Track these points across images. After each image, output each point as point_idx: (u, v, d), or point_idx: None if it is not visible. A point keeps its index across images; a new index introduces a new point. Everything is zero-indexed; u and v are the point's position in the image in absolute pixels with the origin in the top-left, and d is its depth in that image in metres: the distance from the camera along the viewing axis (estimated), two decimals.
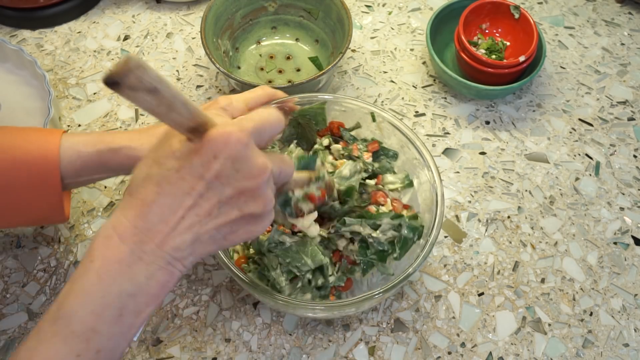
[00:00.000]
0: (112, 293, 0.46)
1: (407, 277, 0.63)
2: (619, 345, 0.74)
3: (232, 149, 0.46)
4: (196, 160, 0.46)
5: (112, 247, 0.46)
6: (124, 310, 0.46)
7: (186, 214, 0.47)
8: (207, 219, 0.48)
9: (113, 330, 0.46)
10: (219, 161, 0.46)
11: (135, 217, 0.47)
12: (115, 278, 0.46)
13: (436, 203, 0.67)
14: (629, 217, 0.83)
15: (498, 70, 0.87)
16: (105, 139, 0.64)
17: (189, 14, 1.02)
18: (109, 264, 0.46)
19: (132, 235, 0.46)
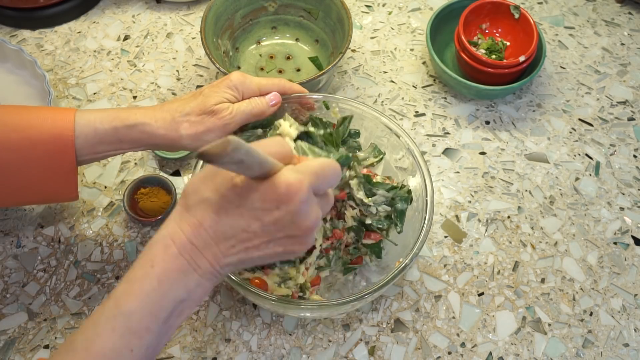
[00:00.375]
0: (168, 297, 0.50)
1: (401, 272, 0.64)
2: (619, 345, 0.74)
3: (294, 205, 0.50)
4: (258, 203, 0.50)
5: (171, 255, 0.50)
6: (173, 312, 0.51)
7: (237, 243, 0.51)
8: (254, 250, 0.52)
9: (162, 330, 0.51)
10: (280, 211, 0.50)
11: (191, 235, 0.51)
12: (173, 285, 0.50)
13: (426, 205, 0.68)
14: (629, 217, 0.83)
15: (498, 70, 0.87)
16: (121, 115, 0.66)
17: (189, 14, 1.02)
18: (169, 271, 0.50)
19: (189, 250, 0.51)
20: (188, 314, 0.53)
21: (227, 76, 0.68)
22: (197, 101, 0.66)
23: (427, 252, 0.80)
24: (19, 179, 0.64)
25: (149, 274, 0.50)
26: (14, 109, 0.65)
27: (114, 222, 0.81)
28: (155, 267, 0.50)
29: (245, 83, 0.68)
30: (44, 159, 0.64)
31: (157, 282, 0.50)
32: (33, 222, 0.81)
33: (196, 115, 0.66)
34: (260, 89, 0.69)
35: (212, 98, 0.66)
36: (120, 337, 0.49)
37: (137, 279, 0.50)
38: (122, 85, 0.93)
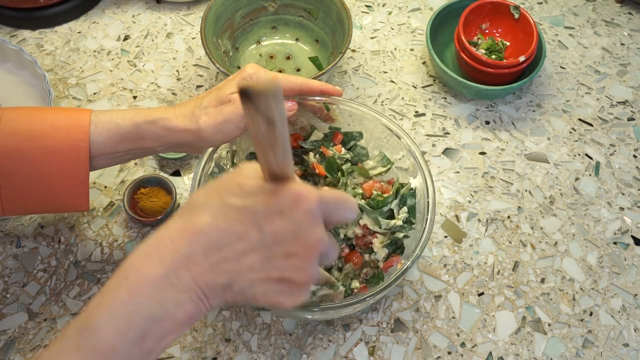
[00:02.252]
0: (139, 314, 0.45)
1: (403, 273, 0.64)
2: (618, 345, 0.74)
3: (299, 213, 0.45)
4: (261, 208, 0.45)
5: (147, 265, 0.45)
6: (147, 333, 0.45)
7: (230, 256, 0.46)
8: (247, 270, 0.46)
9: (133, 352, 0.45)
10: (283, 220, 0.45)
11: (177, 240, 0.46)
12: (145, 299, 0.45)
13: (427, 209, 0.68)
14: (629, 217, 0.83)
15: (498, 70, 0.87)
16: (142, 112, 0.66)
17: (189, 14, 1.02)
18: (141, 284, 0.45)
19: (171, 259, 0.45)
20: (171, 339, 0.46)
21: (243, 68, 0.68)
22: (213, 94, 0.67)
23: (427, 252, 0.80)
24: (31, 188, 0.64)
25: (120, 285, 0.45)
26: (28, 116, 0.64)
27: (114, 222, 0.81)
28: (129, 277, 0.45)
29: (259, 73, 0.67)
30: (57, 169, 0.63)
31: (128, 294, 0.45)
32: (33, 222, 0.81)
33: (214, 106, 0.65)
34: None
35: (228, 89, 0.66)
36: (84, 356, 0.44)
37: (108, 291, 0.46)
38: (122, 85, 0.93)
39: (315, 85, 0.71)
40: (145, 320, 0.45)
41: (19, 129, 0.62)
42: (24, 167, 0.62)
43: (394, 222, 0.68)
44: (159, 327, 0.45)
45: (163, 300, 0.45)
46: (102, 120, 0.65)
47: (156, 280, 0.45)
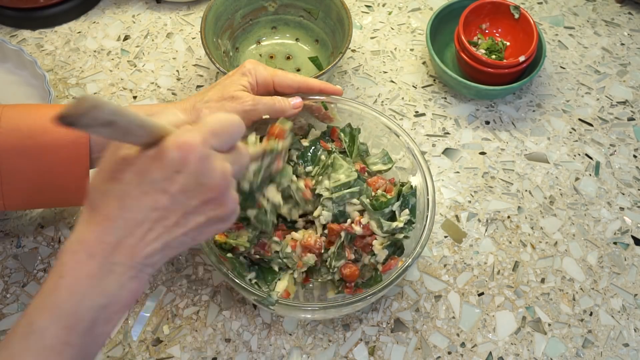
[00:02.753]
0: (84, 307, 0.46)
1: (403, 272, 0.64)
2: (619, 345, 0.74)
3: (194, 164, 0.46)
4: (157, 173, 0.46)
5: (80, 262, 0.46)
6: (95, 321, 0.46)
7: (153, 226, 0.47)
8: (174, 227, 0.48)
9: (85, 341, 0.46)
10: (182, 176, 0.46)
11: (100, 233, 0.46)
12: (86, 293, 0.46)
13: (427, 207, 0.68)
14: (629, 217, 0.83)
15: (498, 70, 0.87)
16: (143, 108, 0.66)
17: (189, 14, 1.02)
18: (79, 279, 0.46)
19: (100, 250, 0.46)
20: (117, 319, 0.48)
21: (242, 64, 0.69)
22: (215, 90, 0.67)
23: (427, 252, 0.80)
24: (32, 184, 0.64)
25: (58, 286, 0.46)
26: (28, 113, 0.64)
27: None
28: (65, 277, 0.46)
29: (257, 69, 0.68)
30: (58, 164, 0.64)
31: (68, 293, 0.46)
32: (33, 222, 0.81)
33: (215, 101, 0.66)
34: (273, 77, 0.69)
35: (231, 86, 0.67)
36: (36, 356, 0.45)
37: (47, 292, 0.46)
38: (122, 85, 0.93)
39: (314, 84, 0.71)
40: (91, 311, 0.46)
41: (20, 125, 0.63)
42: (25, 164, 0.63)
43: (395, 224, 0.68)
44: (106, 312, 0.47)
45: (104, 288, 0.46)
46: None
47: (92, 273, 0.46)
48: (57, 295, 0.46)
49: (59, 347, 0.45)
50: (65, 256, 0.47)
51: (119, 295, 0.47)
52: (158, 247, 0.48)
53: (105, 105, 0.40)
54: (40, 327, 0.45)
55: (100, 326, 0.47)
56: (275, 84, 0.70)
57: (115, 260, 0.46)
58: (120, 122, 0.42)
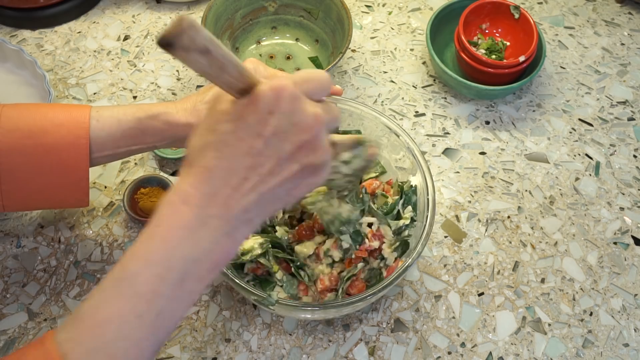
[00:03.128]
0: (176, 257, 0.46)
1: (404, 271, 0.64)
2: (619, 345, 0.74)
3: (286, 103, 0.46)
4: (251, 118, 0.46)
5: (176, 212, 0.47)
6: (186, 275, 0.46)
7: (249, 174, 0.46)
8: (269, 176, 0.47)
9: (175, 294, 0.46)
10: (275, 116, 0.46)
11: (198, 183, 0.46)
12: (180, 243, 0.46)
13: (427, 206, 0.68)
14: (629, 217, 0.83)
15: (498, 70, 0.87)
16: (143, 107, 0.66)
17: (189, 14, 1.02)
18: (173, 228, 0.46)
19: (196, 201, 0.46)
20: (209, 278, 0.48)
21: (242, 63, 0.69)
22: (215, 89, 0.67)
23: (427, 252, 0.80)
24: (31, 184, 0.64)
25: (153, 234, 0.47)
26: (28, 112, 0.64)
27: (114, 222, 0.81)
28: (160, 226, 0.47)
29: (258, 69, 0.68)
30: (57, 165, 0.64)
31: (162, 240, 0.46)
32: (33, 222, 0.81)
33: None
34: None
35: None
36: (127, 301, 0.45)
37: (143, 241, 0.47)
38: (122, 85, 0.93)
39: None
40: (183, 263, 0.46)
41: (19, 125, 0.63)
42: (25, 164, 0.63)
43: (402, 222, 0.68)
44: (198, 267, 0.47)
45: (198, 240, 0.46)
46: (103, 116, 0.65)
47: (188, 223, 0.46)
48: (150, 243, 0.46)
49: (149, 295, 0.45)
50: (162, 207, 0.47)
51: (211, 251, 0.47)
52: (253, 199, 0.47)
53: (202, 28, 0.40)
54: (132, 273, 0.46)
55: (190, 281, 0.47)
56: None
57: (211, 212, 0.46)
58: (216, 54, 0.42)
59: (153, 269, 0.46)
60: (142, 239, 0.47)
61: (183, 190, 0.47)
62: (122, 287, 0.46)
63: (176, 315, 0.48)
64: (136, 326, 0.45)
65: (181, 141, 0.67)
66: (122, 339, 0.45)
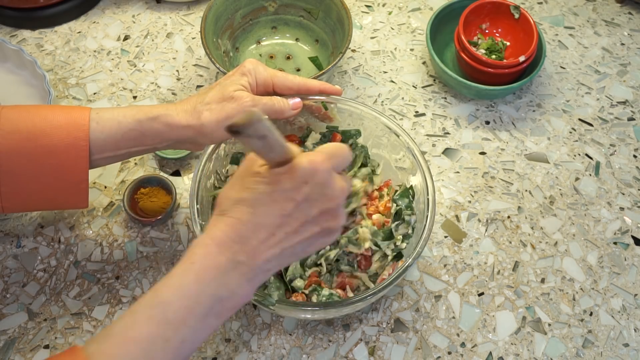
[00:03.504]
0: (205, 293, 0.51)
1: (404, 271, 0.64)
2: (619, 345, 0.74)
3: (320, 176, 0.52)
4: (287, 184, 0.52)
5: (210, 253, 0.52)
6: (210, 310, 0.51)
7: (276, 231, 0.52)
8: (293, 235, 0.53)
9: (198, 326, 0.51)
10: (309, 186, 0.52)
11: (230, 232, 0.52)
12: (211, 281, 0.51)
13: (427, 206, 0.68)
14: (629, 217, 0.83)
15: (498, 70, 0.87)
16: (143, 109, 0.67)
17: (189, 14, 1.02)
18: (207, 268, 0.51)
19: (228, 247, 0.52)
20: (227, 316, 0.53)
21: (242, 63, 0.69)
22: (215, 90, 0.67)
23: (427, 252, 0.80)
24: (31, 186, 0.64)
25: (188, 270, 0.51)
26: (27, 114, 0.64)
27: (114, 222, 0.81)
28: (195, 263, 0.51)
29: (257, 69, 0.69)
30: (57, 167, 0.64)
31: (195, 277, 0.51)
32: (33, 222, 0.81)
33: (216, 103, 0.66)
34: (272, 77, 0.70)
35: (230, 86, 0.67)
36: (157, 326, 0.49)
37: (177, 274, 0.52)
38: (122, 85, 0.93)
39: (313, 85, 0.71)
40: (211, 300, 0.51)
41: (19, 127, 0.63)
42: (24, 166, 0.63)
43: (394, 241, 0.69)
44: (222, 305, 0.52)
45: (227, 282, 0.51)
46: (103, 118, 0.65)
47: (220, 265, 0.51)
48: (185, 277, 0.51)
49: (177, 324, 0.50)
50: (196, 248, 0.52)
51: (234, 293, 0.52)
52: (275, 253, 0.53)
53: (265, 119, 0.46)
54: (165, 301, 0.50)
55: (212, 317, 0.52)
56: (275, 85, 0.70)
57: (240, 258, 0.52)
58: (270, 138, 0.48)
59: (184, 301, 0.50)
60: (176, 271, 0.52)
61: (217, 236, 0.52)
62: (154, 312, 0.50)
63: (195, 344, 0.52)
64: (162, 349, 0.49)
65: (181, 143, 0.67)
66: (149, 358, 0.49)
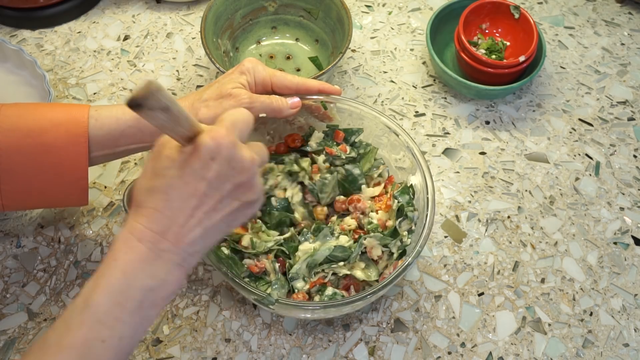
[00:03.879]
0: (134, 287, 0.51)
1: (404, 270, 0.64)
2: (619, 345, 0.74)
3: (225, 151, 0.51)
4: (196, 164, 0.51)
5: (132, 247, 0.51)
6: (143, 302, 0.51)
7: (194, 212, 0.52)
8: (212, 213, 0.53)
9: (133, 320, 0.51)
10: (217, 162, 0.51)
11: (148, 223, 0.51)
12: (138, 274, 0.51)
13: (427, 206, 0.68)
14: (629, 217, 0.83)
15: (498, 70, 0.87)
16: None
17: (189, 14, 1.02)
18: (131, 262, 0.51)
19: (149, 237, 0.51)
20: (162, 305, 0.53)
21: (241, 62, 0.70)
22: (213, 88, 0.68)
23: (427, 252, 0.80)
24: (30, 184, 0.64)
25: (112, 267, 0.51)
26: (26, 112, 0.65)
27: (114, 222, 0.81)
28: (119, 260, 0.51)
29: (256, 68, 0.69)
30: (56, 165, 0.64)
31: (121, 273, 0.51)
32: (33, 222, 0.81)
33: (214, 100, 0.67)
34: (271, 77, 0.70)
35: (229, 84, 0.67)
36: (90, 329, 0.49)
37: (102, 274, 0.51)
38: (122, 85, 0.93)
39: (312, 85, 0.71)
40: (141, 292, 0.51)
41: (18, 125, 0.63)
42: (24, 163, 0.63)
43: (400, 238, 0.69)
44: (154, 295, 0.52)
45: (154, 272, 0.51)
46: (102, 115, 0.65)
47: (143, 257, 0.51)
48: (110, 275, 0.51)
49: (110, 322, 0.50)
50: (117, 244, 0.52)
51: (165, 280, 0.52)
52: (199, 234, 0.52)
53: (164, 90, 0.46)
54: (94, 303, 0.50)
55: (147, 308, 0.51)
56: (274, 84, 0.70)
57: (163, 246, 0.51)
58: (174, 110, 0.47)
59: (114, 298, 0.50)
60: (101, 271, 0.51)
61: (136, 229, 0.51)
62: (85, 316, 0.50)
63: (136, 338, 0.52)
64: (100, 350, 0.49)
65: None
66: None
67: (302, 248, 0.69)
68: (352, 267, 0.69)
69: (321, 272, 0.68)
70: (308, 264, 0.68)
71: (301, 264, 0.68)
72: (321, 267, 0.68)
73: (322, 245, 0.69)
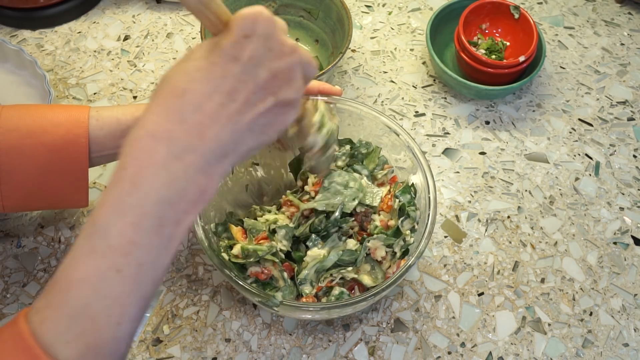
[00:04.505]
0: (148, 200, 0.41)
1: (406, 271, 0.64)
2: (618, 345, 0.74)
3: (263, 26, 0.43)
4: (227, 42, 0.43)
5: (144, 149, 0.41)
6: (163, 219, 0.42)
7: (224, 99, 0.43)
8: (244, 108, 0.44)
9: (153, 242, 0.42)
10: (252, 40, 0.43)
11: (166, 112, 0.42)
12: (151, 184, 0.41)
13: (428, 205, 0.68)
14: (628, 217, 0.83)
15: (498, 70, 0.87)
16: (142, 107, 0.66)
17: (189, 14, 1.02)
18: (142, 168, 0.41)
19: (166, 132, 0.41)
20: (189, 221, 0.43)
21: None
22: None
23: (427, 252, 0.80)
24: (31, 184, 0.64)
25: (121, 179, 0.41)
26: (27, 112, 0.65)
27: None
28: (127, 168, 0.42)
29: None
30: (56, 165, 0.64)
31: (131, 184, 0.41)
32: (33, 222, 0.81)
33: None
34: None
35: None
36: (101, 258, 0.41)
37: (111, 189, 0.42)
38: (122, 85, 0.93)
39: (313, 86, 0.71)
40: (157, 206, 0.41)
41: (19, 125, 0.63)
42: (24, 164, 0.63)
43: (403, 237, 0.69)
44: (174, 210, 0.42)
45: (171, 179, 0.42)
46: (103, 115, 0.65)
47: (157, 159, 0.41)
48: (120, 188, 0.41)
49: (125, 247, 0.41)
50: (128, 145, 0.42)
51: (186, 190, 0.42)
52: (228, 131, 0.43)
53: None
54: (103, 225, 0.41)
55: (168, 226, 0.42)
56: None
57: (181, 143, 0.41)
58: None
59: (126, 217, 0.41)
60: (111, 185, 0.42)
61: (151, 121, 0.42)
62: (94, 242, 0.41)
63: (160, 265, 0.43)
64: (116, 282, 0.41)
65: None
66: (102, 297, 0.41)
67: (311, 254, 0.68)
68: (358, 271, 0.68)
69: (329, 277, 0.68)
70: (317, 269, 0.68)
71: (310, 269, 0.67)
72: (329, 272, 0.68)
73: (331, 250, 0.68)
